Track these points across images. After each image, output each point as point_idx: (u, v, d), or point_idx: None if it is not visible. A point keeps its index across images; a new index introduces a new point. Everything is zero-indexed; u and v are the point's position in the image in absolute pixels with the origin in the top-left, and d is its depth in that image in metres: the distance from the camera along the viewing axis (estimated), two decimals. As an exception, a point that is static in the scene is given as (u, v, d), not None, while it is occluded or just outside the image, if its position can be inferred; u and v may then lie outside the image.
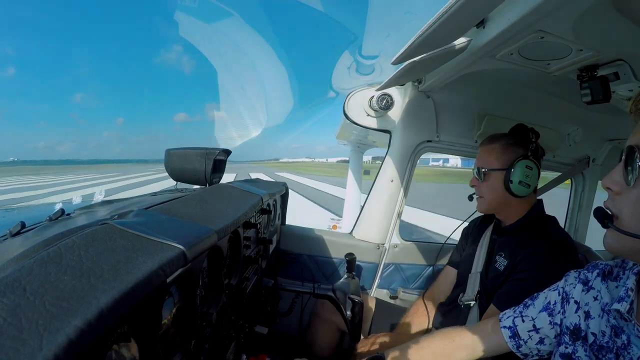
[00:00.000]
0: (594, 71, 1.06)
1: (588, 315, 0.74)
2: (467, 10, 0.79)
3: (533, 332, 0.82)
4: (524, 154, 1.28)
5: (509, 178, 1.27)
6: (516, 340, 0.84)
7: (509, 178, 1.27)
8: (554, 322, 0.80)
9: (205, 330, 0.77)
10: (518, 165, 1.26)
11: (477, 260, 1.38)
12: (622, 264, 0.76)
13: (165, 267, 0.45)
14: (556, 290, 0.83)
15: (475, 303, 1.30)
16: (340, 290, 1.22)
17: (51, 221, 0.74)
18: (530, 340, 0.83)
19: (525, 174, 1.26)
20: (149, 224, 0.56)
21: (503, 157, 1.30)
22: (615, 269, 0.76)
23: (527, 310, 0.86)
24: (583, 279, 0.79)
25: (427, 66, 1.27)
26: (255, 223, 1.20)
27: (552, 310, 0.81)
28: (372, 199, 1.84)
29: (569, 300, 0.79)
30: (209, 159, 1.18)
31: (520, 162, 1.26)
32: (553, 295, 0.83)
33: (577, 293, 0.78)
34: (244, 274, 1.12)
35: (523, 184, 1.26)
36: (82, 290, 0.37)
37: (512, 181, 1.26)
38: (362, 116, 1.76)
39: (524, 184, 1.26)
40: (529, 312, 0.85)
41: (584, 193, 2.01)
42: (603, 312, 0.72)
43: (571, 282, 0.81)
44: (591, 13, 0.78)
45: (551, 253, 1.14)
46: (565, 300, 0.80)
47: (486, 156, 1.34)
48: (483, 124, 1.70)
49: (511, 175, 1.26)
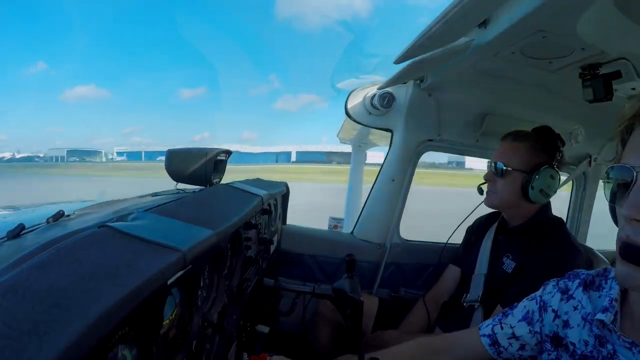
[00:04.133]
0: (596, 69, 1.05)
1: (567, 324, 0.73)
2: (470, 10, 0.78)
3: (513, 339, 0.81)
4: (549, 161, 1.24)
5: (530, 183, 1.22)
6: (496, 348, 0.83)
7: (530, 183, 1.22)
8: (533, 330, 0.79)
9: (206, 331, 0.77)
10: (543, 173, 1.22)
11: (480, 260, 1.37)
12: (604, 272, 0.75)
13: (165, 271, 0.45)
14: (534, 300, 0.82)
15: (479, 305, 1.29)
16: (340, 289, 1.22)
17: (50, 223, 0.73)
18: (511, 347, 0.82)
19: (547, 184, 1.22)
20: (148, 226, 0.56)
21: (528, 159, 1.25)
22: (597, 279, 0.75)
23: (506, 319, 0.84)
24: (562, 288, 0.77)
25: (429, 65, 1.27)
26: (256, 224, 1.20)
27: (531, 319, 0.80)
28: (373, 198, 1.84)
29: (547, 309, 0.78)
30: (209, 159, 1.17)
31: (546, 170, 1.22)
32: (531, 304, 0.82)
33: (555, 302, 0.77)
34: (245, 275, 1.11)
35: (543, 193, 1.23)
36: (80, 295, 0.36)
37: (533, 188, 1.21)
38: (364, 114, 1.76)
39: (544, 193, 1.23)
40: (508, 321, 0.84)
41: (585, 193, 2.00)
42: (585, 321, 0.71)
43: (549, 290, 0.80)
44: (593, 12, 0.78)
45: (560, 257, 1.14)
46: (543, 309, 0.79)
47: (510, 153, 1.28)
48: (485, 122, 1.69)
49: (533, 182, 1.21)
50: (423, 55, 1.08)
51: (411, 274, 1.87)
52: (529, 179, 1.23)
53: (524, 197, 1.24)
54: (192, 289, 0.66)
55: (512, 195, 1.27)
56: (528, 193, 1.23)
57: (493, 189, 1.32)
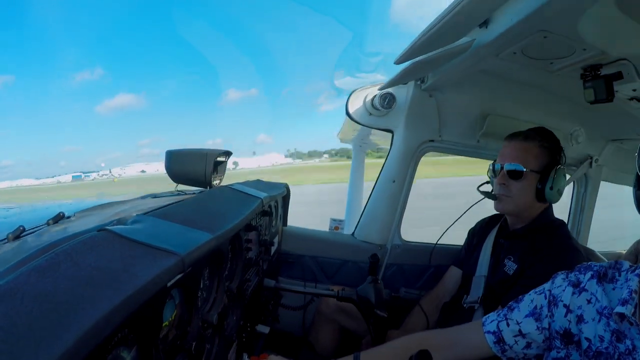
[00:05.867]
0: (597, 70, 1.04)
1: (581, 319, 0.70)
2: (471, 10, 0.78)
3: (519, 337, 0.78)
4: (560, 160, 1.24)
5: (547, 184, 1.20)
6: (501, 346, 0.79)
7: (547, 184, 1.20)
8: (541, 327, 0.76)
9: (206, 332, 0.77)
10: (559, 172, 1.21)
11: (481, 262, 1.37)
12: (615, 265, 0.73)
13: (163, 275, 0.45)
14: (542, 294, 0.78)
15: (480, 306, 1.29)
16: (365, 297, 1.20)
17: (50, 225, 0.73)
18: (517, 345, 0.78)
19: (563, 184, 1.22)
20: (147, 230, 0.56)
21: (541, 159, 1.22)
22: (609, 271, 0.72)
23: (512, 313, 0.80)
24: (573, 282, 0.74)
25: (430, 66, 1.26)
26: (257, 225, 1.19)
27: (539, 314, 0.77)
28: (374, 199, 1.83)
29: (557, 304, 0.74)
30: (209, 160, 1.17)
31: (560, 170, 1.22)
32: (539, 298, 0.78)
33: (566, 296, 0.73)
34: (245, 276, 1.11)
35: (559, 192, 1.22)
36: (78, 300, 0.36)
37: (552, 188, 1.20)
38: (365, 115, 1.76)
39: (559, 192, 1.22)
40: (513, 316, 0.80)
41: (586, 194, 1.99)
42: (601, 315, 0.68)
43: (559, 284, 0.76)
44: (595, 12, 0.77)
45: (561, 259, 1.13)
46: (553, 303, 0.75)
47: (524, 154, 1.22)
48: (486, 123, 1.69)
49: (551, 182, 1.20)
50: (424, 56, 1.08)
51: (412, 274, 1.87)
52: (544, 180, 1.21)
53: (537, 198, 1.23)
54: (191, 291, 0.66)
55: (528, 198, 1.23)
56: (544, 194, 1.21)
57: (507, 193, 1.24)
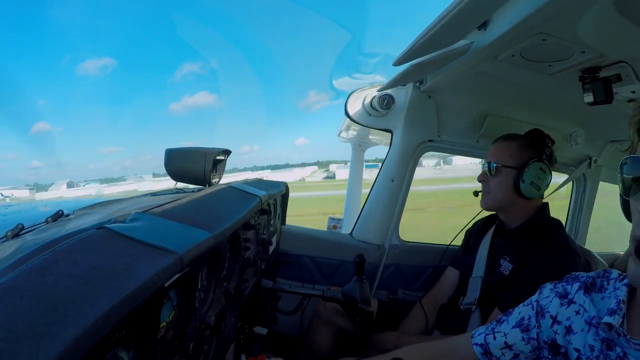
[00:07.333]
0: (596, 72, 1.05)
1: (570, 330, 0.70)
2: (469, 12, 0.78)
3: (506, 349, 0.79)
4: (539, 156, 1.29)
5: (520, 177, 1.27)
6: (489, 357, 0.80)
7: (520, 177, 1.27)
8: (528, 337, 0.77)
9: (204, 333, 0.77)
10: (532, 166, 1.26)
11: (477, 263, 1.38)
12: (604, 273, 0.72)
13: (162, 274, 0.45)
14: (529, 305, 0.79)
15: (477, 307, 1.29)
16: (350, 295, 1.21)
17: (49, 223, 0.73)
18: (504, 356, 0.79)
19: (537, 176, 1.26)
20: (145, 228, 0.56)
21: (518, 156, 1.30)
22: (598, 280, 0.72)
23: (500, 326, 0.81)
24: (560, 293, 0.74)
25: (429, 68, 1.27)
26: (255, 224, 1.19)
27: (526, 325, 0.77)
28: (372, 199, 1.83)
29: (544, 314, 0.75)
30: (208, 158, 1.17)
31: (535, 164, 1.27)
32: (526, 310, 0.79)
33: (553, 307, 0.74)
34: (243, 276, 1.11)
35: (534, 186, 1.26)
36: (78, 298, 0.37)
37: (524, 181, 1.26)
38: (364, 115, 1.76)
39: (535, 186, 1.26)
40: (501, 328, 0.81)
41: (585, 195, 2.00)
42: (589, 325, 0.68)
43: (546, 295, 0.77)
44: (593, 15, 0.78)
45: (557, 259, 1.14)
46: (540, 314, 0.76)
47: (500, 152, 1.34)
48: (484, 124, 1.70)
49: (523, 175, 1.26)
50: (422, 58, 1.08)
51: (410, 275, 1.87)
52: (520, 174, 1.28)
53: (517, 193, 1.28)
54: (189, 291, 0.66)
55: (505, 194, 1.31)
56: (520, 188, 1.27)
57: (487, 189, 1.36)
